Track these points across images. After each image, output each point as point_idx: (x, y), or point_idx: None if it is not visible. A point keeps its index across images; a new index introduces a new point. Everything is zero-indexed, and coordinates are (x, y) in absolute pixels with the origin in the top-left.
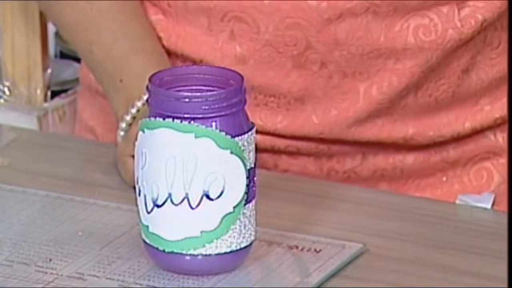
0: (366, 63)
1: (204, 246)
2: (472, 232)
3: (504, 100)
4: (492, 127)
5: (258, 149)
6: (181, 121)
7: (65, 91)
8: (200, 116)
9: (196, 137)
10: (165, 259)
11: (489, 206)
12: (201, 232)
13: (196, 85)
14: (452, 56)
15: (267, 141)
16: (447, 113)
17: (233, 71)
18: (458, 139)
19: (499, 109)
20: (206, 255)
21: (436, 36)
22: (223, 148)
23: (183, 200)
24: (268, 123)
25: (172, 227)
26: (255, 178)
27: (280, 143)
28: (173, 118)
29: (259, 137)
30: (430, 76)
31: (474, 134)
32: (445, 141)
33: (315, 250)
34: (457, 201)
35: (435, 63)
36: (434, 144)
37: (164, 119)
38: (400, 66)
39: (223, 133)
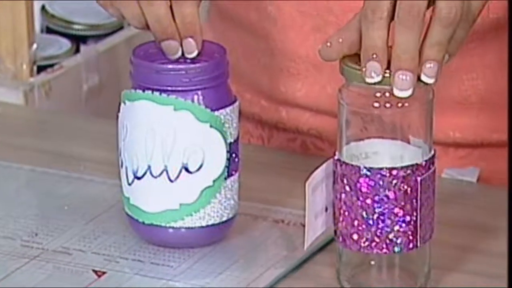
0: None
1: (182, 219)
2: (458, 205)
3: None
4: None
5: (285, 129)
6: (160, 94)
7: (51, 66)
8: (180, 88)
9: (175, 109)
10: (145, 231)
11: (474, 179)
12: (180, 204)
13: (180, 58)
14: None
15: (292, 121)
16: None
17: (217, 44)
18: None
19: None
20: (188, 228)
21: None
22: (202, 121)
23: (162, 172)
24: (288, 91)
25: (151, 199)
26: (238, 152)
27: (303, 124)
28: (153, 90)
29: (284, 111)
30: None
31: None
32: None
33: (301, 224)
34: (443, 175)
35: None
36: None
37: (143, 91)
38: None
39: (203, 106)
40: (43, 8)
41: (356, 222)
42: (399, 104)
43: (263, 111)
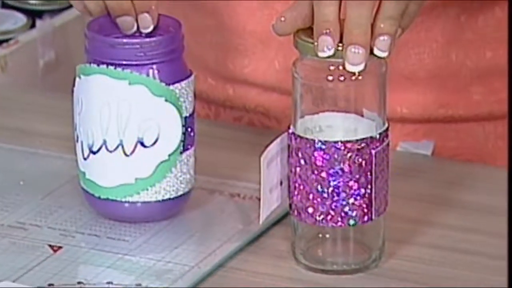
0: None
1: (138, 193)
2: (412, 178)
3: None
4: None
5: (232, 107)
6: (115, 68)
7: (7, 41)
8: (135, 62)
9: (130, 84)
10: (101, 206)
11: (429, 153)
12: (136, 179)
13: (136, 32)
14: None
15: (240, 98)
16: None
17: (172, 18)
18: None
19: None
20: (144, 202)
21: None
22: (157, 95)
23: (117, 147)
24: (236, 67)
25: (107, 173)
26: (193, 126)
27: (250, 101)
28: (107, 64)
29: (231, 89)
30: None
31: None
32: None
33: (256, 198)
34: (398, 148)
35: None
36: None
37: (98, 65)
38: None
39: (157, 81)
40: None
41: (311, 196)
42: (353, 77)
43: (210, 89)
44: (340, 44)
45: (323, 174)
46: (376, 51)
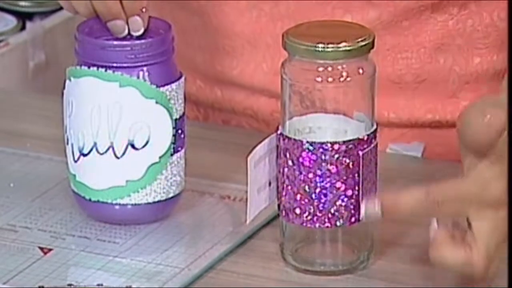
0: (316, 11)
1: (129, 195)
2: (402, 180)
3: None
4: None
5: (220, 109)
6: (105, 70)
7: None
8: (125, 65)
9: (120, 86)
10: (92, 208)
11: (419, 154)
12: (126, 181)
13: (126, 34)
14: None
15: (228, 101)
16: None
17: (162, 20)
18: None
19: None
20: (135, 204)
21: None
22: (148, 97)
23: (108, 149)
24: (224, 69)
25: (97, 176)
26: (184, 128)
27: (238, 104)
28: (98, 66)
29: (219, 91)
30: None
31: None
32: None
33: (247, 200)
34: (387, 150)
35: (386, 22)
36: None
37: (89, 67)
38: (349, 18)
39: (148, 83)
40: None
41: (298, 196)
42: (341, 79)
43: (199, 91)
44: (331, 45)
45: (310, 175)
46: None
